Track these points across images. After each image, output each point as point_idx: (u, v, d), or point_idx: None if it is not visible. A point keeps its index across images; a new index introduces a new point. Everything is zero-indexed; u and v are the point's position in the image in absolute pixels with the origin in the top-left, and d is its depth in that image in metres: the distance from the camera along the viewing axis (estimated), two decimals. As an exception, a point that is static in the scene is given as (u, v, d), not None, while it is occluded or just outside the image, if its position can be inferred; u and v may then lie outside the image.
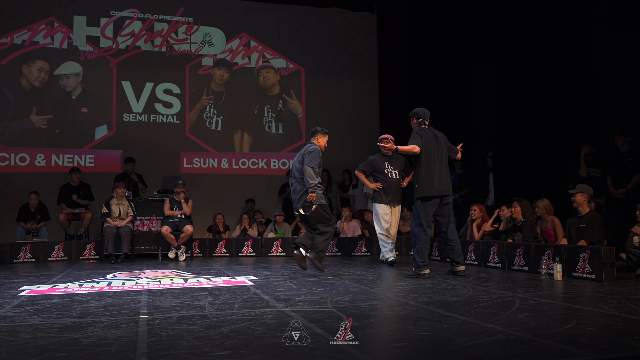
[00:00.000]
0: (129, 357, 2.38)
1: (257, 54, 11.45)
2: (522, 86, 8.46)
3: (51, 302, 4.00)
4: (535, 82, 8.32)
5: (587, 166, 7.34)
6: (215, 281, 5.27)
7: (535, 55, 8.32)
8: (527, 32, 8.41)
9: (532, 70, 8.34)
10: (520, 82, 8.50)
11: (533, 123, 8.33)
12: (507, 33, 8.76)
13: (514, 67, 8.62)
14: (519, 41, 8.52)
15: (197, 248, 8.86)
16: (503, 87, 8.90)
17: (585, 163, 7.33)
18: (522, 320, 3.10)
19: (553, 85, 8.21)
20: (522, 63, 8.49)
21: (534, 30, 8.35)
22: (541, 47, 8.28)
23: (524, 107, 8.43)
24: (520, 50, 8.51)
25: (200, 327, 3.01)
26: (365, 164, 7.23)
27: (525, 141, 8.35)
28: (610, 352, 2.37)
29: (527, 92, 8.39)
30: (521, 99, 8.47)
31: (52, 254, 8.29)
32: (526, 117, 8.40)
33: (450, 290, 4.40)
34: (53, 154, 10.23)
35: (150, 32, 10.94)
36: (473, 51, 10.23)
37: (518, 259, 6.05)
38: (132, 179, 9.54)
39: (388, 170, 7.12)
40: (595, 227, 5.75)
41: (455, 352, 2.41)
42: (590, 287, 4.61)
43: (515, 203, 6.67)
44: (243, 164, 11.17)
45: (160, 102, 10.89)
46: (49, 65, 10.42)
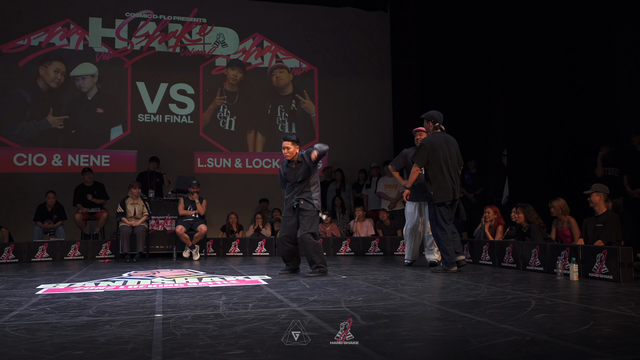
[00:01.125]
0: (144, 355, 2.40)
1: (270, 54, 11.48)
2: (538, 83, 8.38)
3: (68, 301, 4.04)
4: (551, 80, 8.24)
5: (605, 165, 7.26)
6: (229, 280, 5.29)
7: (550, 53, 8.24)
8: (542, 29, 8.33)
9: (548, 67, 8.26)
10: (535, 79, 8.42)
11: (549, 121, 8.25)
12: (521, 30, 8.68)
13: (528, 65, 8.54)
14: (534, 38, 8.44)
15: (211, 247, 8.91)
16: (518, 84, 8.83)
17: (602, 162, 7.25)
18: (537, 321, 3.07)
19: (569, 83, 8.12)
20: (537, 60, 8.41)
21: (549, 26, 8.26)
22: (557, 45, 8.20)
23: (540, 105, 8.35)
24: (535, 47, 8.43)
25: (215, 326, 3.02)
26: (397, 157, 6.92)
27: (541, 140, 8.27)
28: (628, 353, 2.34)
29: (543, 89, 8.31)
30: (536, 96, 8.40)
31: (69, 253, 8.38)
32: (542, 115, 8.32)
33: (464, 291, 4.38)
34: (69, 154, 10.34)
35: (164, 33, 11.01)
36: (486, 49, 10.17)
37: (533, 259, 5.99)
38: (155, 178, 9.57)
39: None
40: (612, 226, 5.68)
41: (469, 353, 2.39)
42: (608, 287, 4.56)
43: (518, 209, 6.59)
44: (256, 163, 11.20)
45: (175, 102, 10.96)
46: (65, 67, 10.53)
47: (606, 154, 7.28)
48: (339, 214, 9.85)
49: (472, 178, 9.54)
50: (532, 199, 7.04)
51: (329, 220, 9.40)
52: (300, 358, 2.33)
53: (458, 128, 7.06)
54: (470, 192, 9.45)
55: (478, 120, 10.15)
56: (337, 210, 9.90)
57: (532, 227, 6.42)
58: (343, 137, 11.32)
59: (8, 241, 8.35)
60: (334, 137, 11.02)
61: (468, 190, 9.47)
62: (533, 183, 8.15)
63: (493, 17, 9.72)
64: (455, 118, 9.29)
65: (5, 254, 7.86)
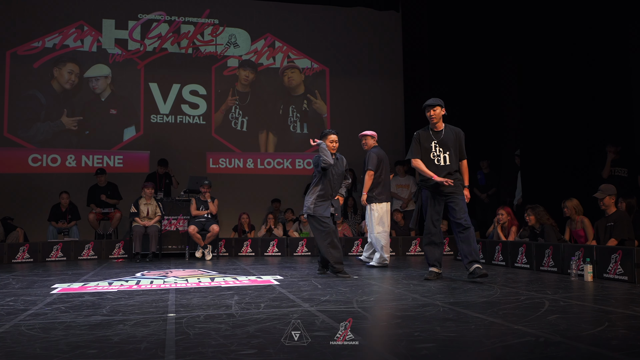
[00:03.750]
0: (157, 354, 2.41)
1: (281, 55, 11.49)
2: (551, 82, 8.31)
3: (82, 300, 4.08)
4: (564, 78, 8.17)
5: (613, 165, 7.21)
6: (242, 280, 5.31)
7: (563, 51, 8.17)
8: (557, 29, 8.26)
9: (561, 65, 8.19)
10: (548, 78, 8.35)
11: (562, 120, 8.17)
12: (534, 28, 8.62)
13: (541, 63, 8.47)
14: (546, 36, 8.37)
15: (223, 247, 8.94)
16: (531, 83, 8.76)
17: (610, 163, 7.20)
18: (551, 321, 3.04)
19: (582, 82, 8.04)
20: (550, 59, 8.34)
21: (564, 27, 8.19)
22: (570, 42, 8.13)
23: (553, 104, 8.28)
24: (548, 46, 8.36)
25: (227, 325, 3.03)
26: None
27: (555, 139, 8.20)
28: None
29: (556, 88, 8.24)
30: (550, 95, 8.33)
31: (83, 252, 8.45)
32: (555, 114, 8.25)
33: (477, 291, 4.35)
34: (83, 155, 10.43)
35: (176, 34, 11.07)
36: (499, 48, 10.11)
37: (547, 259, 5.95)
38: (164, 180, 9.63)
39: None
40: (623, 224, 5.63)
41: (483, 354, 2.38)
42: (622, 288, 4.51)
43: (529, 211, 6.54)
44: (268, 164, 11.23)
45: (187, 103, 11.02)
46: (79, 68, 10.62)
47: (615, 153, 7.23)
48: (351, 214, 9.84)
49: (484, 178, 9.49)
50: (545, 199, 7.00)
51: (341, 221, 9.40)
52: (312, 358, 2.33)
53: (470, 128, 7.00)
54: (482, 192, 9.40)
55: (491, 120, 10.09)
56: (349, 210, 9.89)
57: (545, 227, 6.37)
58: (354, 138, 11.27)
59: (23, 241, 8.45)
60: (346, 138, 10.95)
61: (481, 191, 9.42)
62: (546, 183, 8.08)
63: (506, 16, 9.66)
64: (468, 118, 9.25)
65: (20, 254, 7.95)
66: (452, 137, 5.28)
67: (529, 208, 6.60)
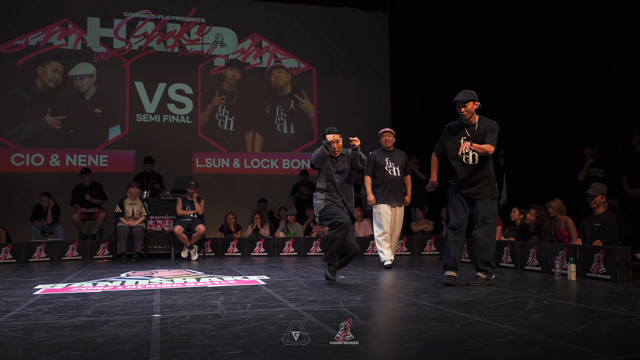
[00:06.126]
0: (142, 355, 2.40)
1: (268, 54, 11.47)
2: (536, 84, 8.39)
3: (65, 301, 4.04)
4: (549, 80, 8.26)
5: (590, 166, 7.31)
6: (228, 280, 5.29)
7: (549, 53, 8.26)
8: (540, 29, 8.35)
9: (546, 67, 8.28)
10: (533, 79, 8.43)
11: (547, 121, 8.26)
12: (520, 30, 8.70)
13: (527, 65, 8.55)
14: (532, 38, 8.46)
15: (210, 247, 8.90)
16: (516, 84, 8.85)
17: (587, 165, 7.30)
18: (535, 320, 3.07)
19: (567, 84, 8.14)
20: (535, 60, 8.42)
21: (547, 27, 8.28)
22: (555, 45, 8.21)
23: (538, 105, 8.37)
24: (533, 47, 8.45)
25: (213, 326, 3.02)
26: (366, 166, 6.22)
27: (539, 140, 8.29)
28: (625, 353, 2.35)
29: (541, 90, 8.33)
30: (535, 96, 8.41)
31: (67, 253, 8.37)
32: (540, 116, 8.34)
33: (462, 291, 4.38)
34: (67, 154, 10.33)
35: (162, 33, 11.01)
36: (485, 49, 10.18)
37: (531, 259, 6.00)
38: (152, 179, 9.58)
39: (389, 166, 6.63)
40: (610, 226, 5.68)
41: (468, 353, 2.39)
42: (605, 287, 4.56)
43: (532, 211, 6.52)
44: (255, 163, 11.20)
45: (173, 102, 10.96)
46: (63, 67, 10.52)
47: (591, 154, 7.33)
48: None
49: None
50: (529, 200, 7.05)
51: None
52: (298, 358, 2.33)
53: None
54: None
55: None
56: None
57: (542, 231, 6.41)
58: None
59: (5, 241, 8.34)
60: (333, 137, 11.01)
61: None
62: (531, 184, 8.16)
63: (492, 18, 9.73)
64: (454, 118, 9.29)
65: (2, 254, 7.85)
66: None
67: (533, 208, 6.56)
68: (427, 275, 5.61)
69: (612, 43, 7.97)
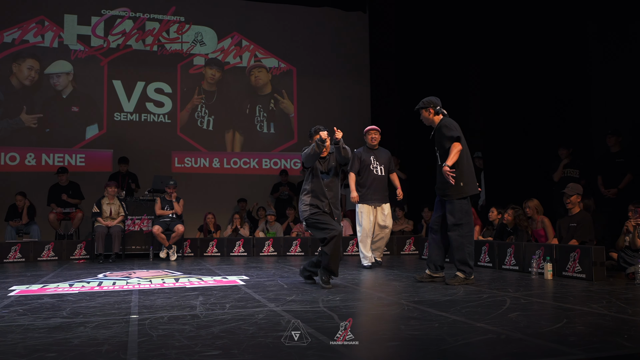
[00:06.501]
0: (119, 357, 2.37)
1: (248, 54, 11.43)
2: (513, 85, 8.50)
3: (41, 302, 3.97)
4: (526, 82, 8.37)
5: (565, 167, 7.43)
6: (207, 281, 5.26)
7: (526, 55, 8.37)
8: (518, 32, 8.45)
9: (524, 70, 8.38)
10: (511, 81, 8.54)
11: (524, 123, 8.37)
12: (499, 33, 8.80)
13: (505, 66, 8.66)
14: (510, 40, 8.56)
15: (189, 248, 8.84)
16: (494, 86, 8.94)
17: (562, 165, 7.43)
18: (512, 319, 3.11)
19: (543, 85, 8.25)
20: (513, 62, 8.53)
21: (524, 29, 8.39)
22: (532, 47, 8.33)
23: (515, 107, 8.47)
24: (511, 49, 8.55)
25: (192, 327, 3.00)
26: (352, 163, 6.37)
27: (516, 141, 8.40)
28: (599, 350, 2.39)
29: (518, 91, 8.44)
30: (512, 98, 8.52)
31: (42, 253, 8.23)
32: (517, 117, 8.44)
33: (441, 290, 4.41)
34: (43, 154, 10.17)
35: (141, 31, 10.90)
36: (465, 50, 10.27)
37: (509, 258, 6.07)
38: (127, 179, 9.48)
39: (374, 165, 6.58)
40: (586, 226, 5.78)
41: (446, 352, 2.41)
42: (581, 286, 4.64)
43: (510, 211, 6.60)
44: (234, 163, 11.15)
45: (152, 101, 10.85)
46: (40, 64, 10.35)
47: (566, 155, 7.45)
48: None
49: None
50: (507, 200, 7.13)
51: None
52: (277, 358, 2.33)
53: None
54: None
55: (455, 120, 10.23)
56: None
57: (519, 231, 6.49)
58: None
59: (-21, 242, 8.18)
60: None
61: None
62: (508, 184, 8.26)
63: (471, 20, 9.82)
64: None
65: (-24, 255, 7.70)
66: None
67: (511, 208, 6.63)
68: (406, 275, 5.64)
69: (588, 46, 8.10)
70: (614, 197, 6.86)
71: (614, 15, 7.71)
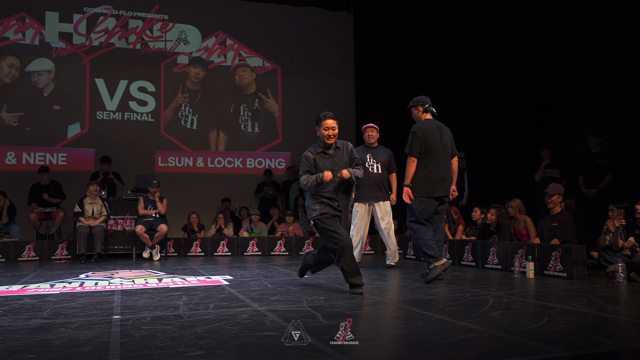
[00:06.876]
0: (101, 358, 2.35)
1: (233, 53, 11.39)
2: (496, 87, 8.58)
3: (21, 303, 3.92)
4: (508, 84, 8.45)
5: (546, 167, 7.52)
6: (190, 281, 5.23)
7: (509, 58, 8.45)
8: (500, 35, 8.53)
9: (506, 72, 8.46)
10: (494, 82, 8.62)
11: (506, 124, 8.45)
12: (482, 34, 8.87)
13: (488, 68, 8.73)
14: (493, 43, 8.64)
15: (172, 247, 8.78)
16: (477, 87, 9.02)
17: (544, 166, 7.51)
18: (495, 318, 3.14)
19: (526, 87, 8.34)
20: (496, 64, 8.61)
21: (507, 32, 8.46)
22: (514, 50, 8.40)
23: (498, 108, 8.55)
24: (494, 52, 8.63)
25: (175, 327, 2.98)
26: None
27: (499, 142, 8.48)
28: (580, 348, 2.42)
29: (501, 93, 8.52)
30: (495, 99, 8.59)
31: (23, 253, 8.12)
32: (500, 118, 8.52)
33: (424, 289, 4.44)
34: (24, 152, 10.03)
35: (124, 29, 10.80)
36: (449, 50, 10.34)
37: (492, 257, 6.13)
38: (108, 178, 9.39)
39: (370, 163, 6.48)
40: (567, 226, 5.86)
41: (429, 350, 2.43)
42: (562, 284, 4.69)
43: (493, 210, 6.65)
44: (219, 162, 11.10)
45: (135, 100, 10.76)
46: (20, 62, 10.21)
47: (548, 156, 7.54)
48: (302, 214, 9.85)
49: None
50: (489, 200, 7.19)
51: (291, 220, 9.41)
52: (261, 358, 2.32)
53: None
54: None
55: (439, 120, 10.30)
56: (300, 210, 9.90)
57: (502, 230, 6.55)
58: (305, 137, 11.31)
59: (-42, 242, 8.05)
60: (297, 137, 11.03)
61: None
62: (491, 184, 8.33)
63: (455, 22, 9.89)
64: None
65: (-45, 255, 7.57)
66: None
67: (493, 207, 6.67)
68: (391, 274, 5.66)
69: (569, 48, 8.20)
70: (594, 197, 6.95)
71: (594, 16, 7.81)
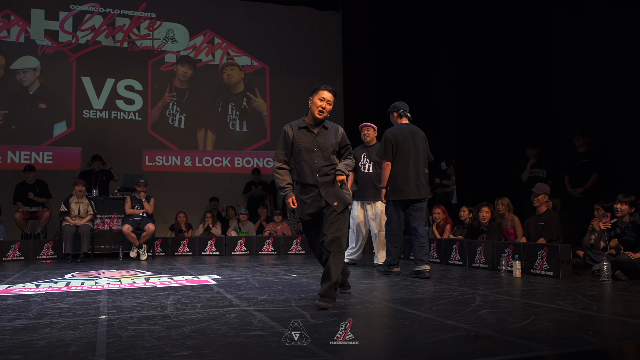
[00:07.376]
0: (87, 358, 2.33)
1: (221, 51, 11.35)
2: (484, 87, 8.62)
3: (6, 303, 3.88)
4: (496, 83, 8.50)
5: (532, 167, 7.59)
6: (178, 280, 5.20)
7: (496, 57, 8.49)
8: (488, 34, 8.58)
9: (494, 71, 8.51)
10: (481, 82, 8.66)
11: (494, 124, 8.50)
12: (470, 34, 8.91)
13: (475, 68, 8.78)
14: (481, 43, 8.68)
15: (160, 247, 8.73)
16: (465, 88, 9.06)
17: (530, 165, 7.57)
18: (482, 316, 3.15)
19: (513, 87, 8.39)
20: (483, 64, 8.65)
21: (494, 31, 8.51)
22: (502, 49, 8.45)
23: (486, 108, 8.60)
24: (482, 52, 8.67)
25: (162, 327, 2.96)
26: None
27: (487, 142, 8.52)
28: (566, 346, 2.44)
29: (488, 93, 8.56)
30: (482, 99, 8.64)
31: (8, 253, 8.03)
32: (487, 118, 8.57)
33: (412, 288, 4.45)
34: (9, 151, 9.92)
35: (111, 27, 10.72)
36: (437, 50, 10.38)
37: (479, 256, 6.16)
38: (99, 177, 9.29)
39: (362, 162, 6.47)
40: (553, 225, 5.91)
41: (416, 349, 2.44)
42: (548, 283, 4.73)
43: (485, 208, 6.67)
44: (207, 162, 11.06)
45: (122, 98, 10.69)
46: (5, 60, 10.10)
47: (534, 155, 7.60)
48: (290, 213, 9.84)
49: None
50: (477, 199, 7.23)
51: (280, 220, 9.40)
52: (249, 358, 2.32)
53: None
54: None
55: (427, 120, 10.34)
56: (288, 209, 9.87)
57: (492, 226, 6.57)
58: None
59: (-59, 241, 7.94)
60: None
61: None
62: (478, 184, 8.38)
63: (443, 22, 9.93)
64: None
65: (-62, 255, 7.47)
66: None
67: (486, 205, 6.69)
68: (378, 274, 5.68)
69: (556, 47, 8.26)
70: (580, 197, 7.01)
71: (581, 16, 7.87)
